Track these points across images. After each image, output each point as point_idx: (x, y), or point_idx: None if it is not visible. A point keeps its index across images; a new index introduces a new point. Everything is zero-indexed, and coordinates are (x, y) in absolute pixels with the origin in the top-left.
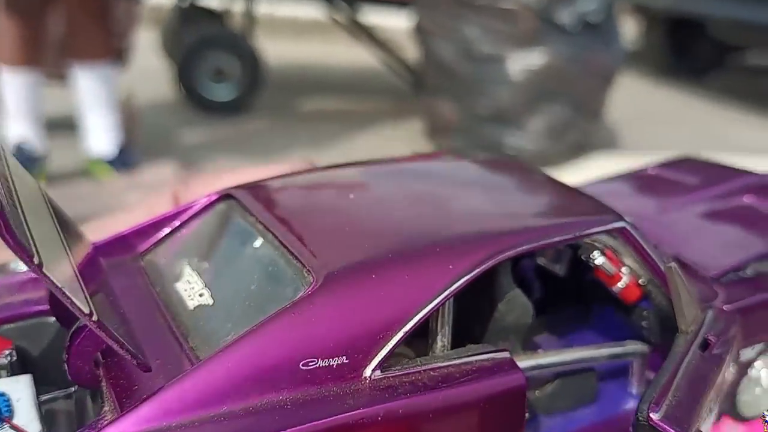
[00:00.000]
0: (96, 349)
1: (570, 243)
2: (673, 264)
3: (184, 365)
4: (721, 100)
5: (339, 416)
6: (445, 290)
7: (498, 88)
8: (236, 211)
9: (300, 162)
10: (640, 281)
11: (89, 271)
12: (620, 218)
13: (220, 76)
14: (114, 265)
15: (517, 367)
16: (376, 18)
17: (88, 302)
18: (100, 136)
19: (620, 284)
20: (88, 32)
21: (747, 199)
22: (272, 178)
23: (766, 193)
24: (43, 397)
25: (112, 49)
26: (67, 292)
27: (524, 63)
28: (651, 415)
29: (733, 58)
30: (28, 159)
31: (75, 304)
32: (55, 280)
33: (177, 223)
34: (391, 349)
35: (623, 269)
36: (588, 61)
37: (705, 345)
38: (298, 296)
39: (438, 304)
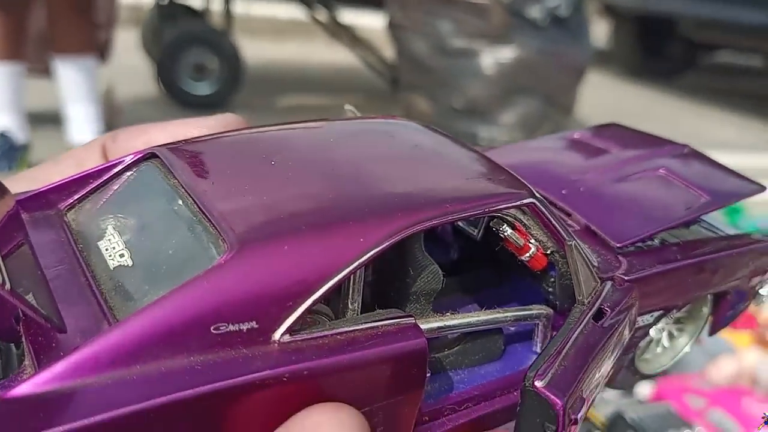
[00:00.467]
0: (12, 312)
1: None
2: (574, 242)
3: (101, 326)
4: (691, 97)
5: (246, 377)
6: (354, 262)
7: (471, 82)
8: (159, 171)
9: (230, 117)
10: (547, 252)
11: (10, 226)
12: (530, 194)
13: (200, 73)
14: (36, 220)
15: (420, 332)
16: (354, 18)
17: (1, 271)
18: (82, 127)
19: (527, 255)
20: (70, 26)
21: (662, 171)
22: (200, 139)
23: (680, 165)
24: None
25: (93, 43)
26: None
27: (496, 57)
28: (536, 382)
29: (703, 57)
30: (10, 147)
31: None
32: None
33: (102, 179)
34: (300, 315)
35: (531, 241)
36: (558, 55)
37: (599, 315)
38: (212, 264)
39: (346, 274)
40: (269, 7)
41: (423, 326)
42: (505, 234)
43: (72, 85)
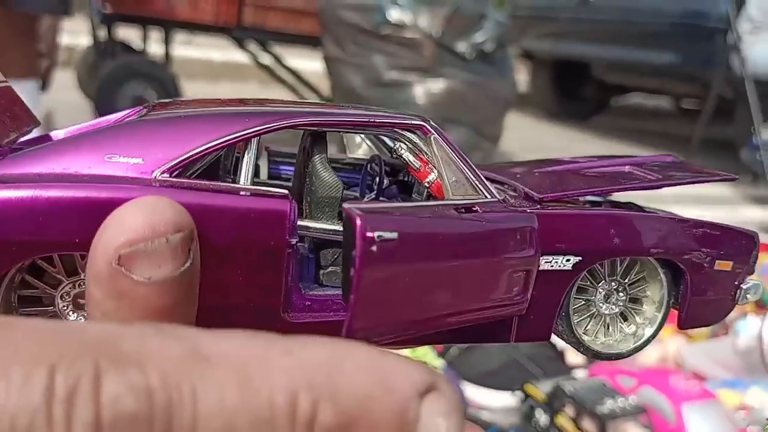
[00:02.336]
0: None
1: (373, 133)
2: (470, 173)
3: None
4: (606, 136)
5: (124, 195)
6: (236, 134)
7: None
8: None
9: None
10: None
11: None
12: (423, 120)
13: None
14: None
15: (287, 200)
16: (293, 61)
17: None
18: None
19: (427, 180)
20: (13, 50)
21: (627, 167)
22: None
23: (650, 164)
24: None
25: (35, 68)
26: None
27: (427, 88)
28: (345, 205)
29: (616, 98)
30: None
31: None
32: None
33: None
34: (179, 162)
35: (430, 167)
36: (485, 87)
37: (467, 210)
38: (129, 119)
39: (219, 144)
40: (204, 50)
41: (310, 223)
42: (401, 154)
43: None
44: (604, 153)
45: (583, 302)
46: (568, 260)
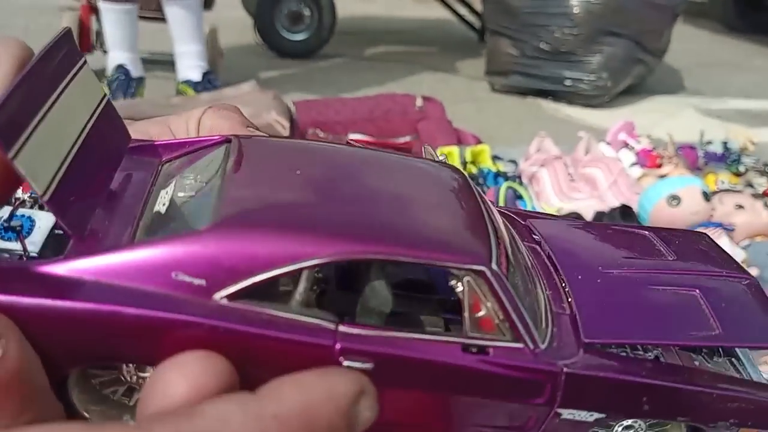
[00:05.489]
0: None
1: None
2: (516, 324)
3: (121, 243)
4: None
5: (182, 316)
6: (300, 263)
7: (557, 23)
8: (224, 154)
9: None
10: (495, 320)
11: (113, 158)
12: (484, 263)
13: (295, 22)
14: (141, 161)
15: (332, 335)
16: None
17: (49, 184)
18: (188, 62)
19: (477, 314)
20: None
21: (697, 291)
22: (271, 139)
23: (723, 292)
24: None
25: None
26: (24, 173)
27: None
28: None
29: None
30: (127, 78)
31: (30, 183)
32: (19, 165)
33: (193, 148)
34: (242, 288)
35: (484, 303)
36: None
37: (473, 348)
38: (195, 230)
39: (288, 272)
40: None
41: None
42: (456, 290)
43: (178, 23)
44: None
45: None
46: (591, 415)
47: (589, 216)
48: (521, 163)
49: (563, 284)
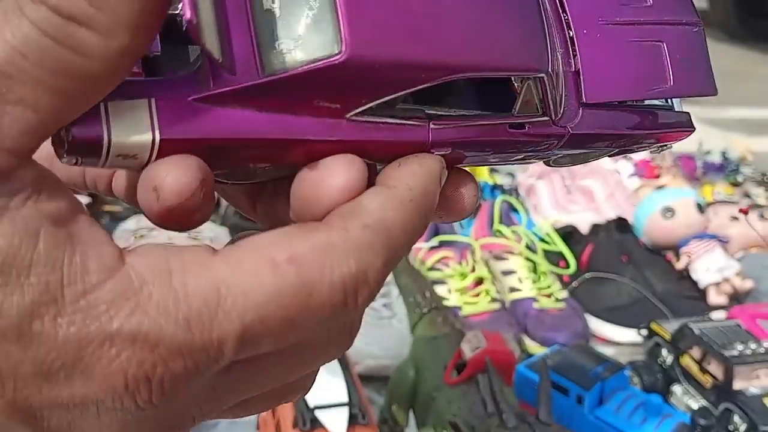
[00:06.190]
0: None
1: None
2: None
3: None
4: None
5: (320, 137)
6: (424, 83)
7: None
8: None
9: None
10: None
11: None
12: (546, 68)
13: None
14: None
15: (426, 134)
16: None
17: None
18: None
19: (525, 99)
20: None
21: (663, 44)
22: None
23: (681, 43)
24: None
25: None
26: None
27: None
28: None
29: None
30: None
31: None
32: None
33: None
34: (371, 105)
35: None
36: None
37: (519, 126)
38: (339, 57)
39: (400, 95)
40: None
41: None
42: (515, 84)
43: None
44: None
45: None
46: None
47: (585, 229)
48: (518, 175)
49: (570, 37)
